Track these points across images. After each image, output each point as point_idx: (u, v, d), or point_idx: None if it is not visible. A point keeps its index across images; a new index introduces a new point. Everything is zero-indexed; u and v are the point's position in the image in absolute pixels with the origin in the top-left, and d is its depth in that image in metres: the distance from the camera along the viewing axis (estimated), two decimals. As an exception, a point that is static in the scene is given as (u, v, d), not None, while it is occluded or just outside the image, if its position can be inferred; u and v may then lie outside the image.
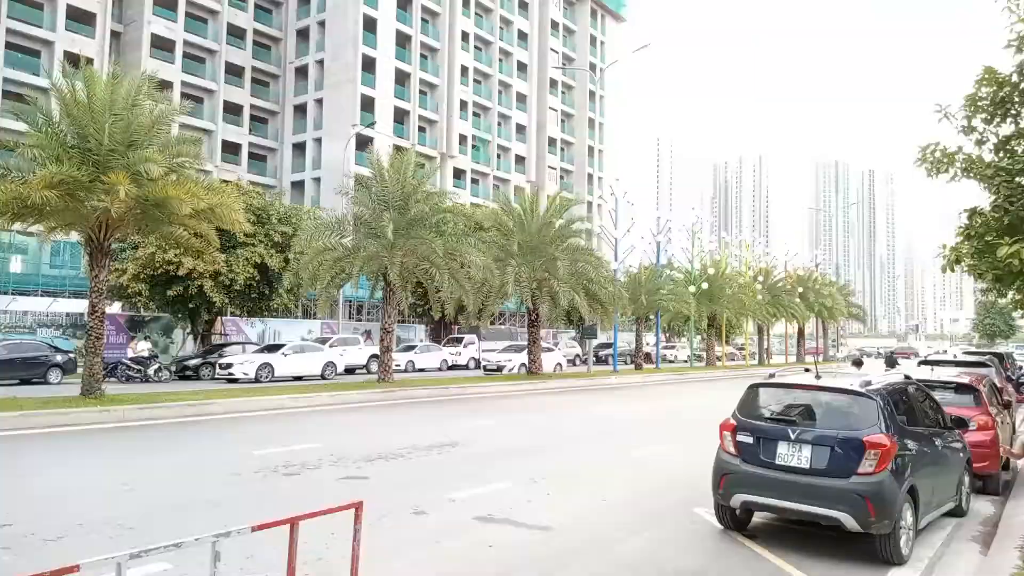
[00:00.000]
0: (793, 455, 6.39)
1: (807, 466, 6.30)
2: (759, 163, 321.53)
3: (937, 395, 8.76)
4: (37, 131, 15.67)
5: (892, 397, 6.76)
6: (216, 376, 25.34)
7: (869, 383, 6.74)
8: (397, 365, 28.85)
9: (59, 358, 23.73)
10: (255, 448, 11.08)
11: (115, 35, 53.23)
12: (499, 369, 32.58)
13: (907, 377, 7.83)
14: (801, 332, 62.37)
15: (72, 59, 33.32)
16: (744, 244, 55.41)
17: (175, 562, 5.50)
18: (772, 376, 7.32)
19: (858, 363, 18.64)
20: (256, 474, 9.17)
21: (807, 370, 7.55)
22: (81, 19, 48.86)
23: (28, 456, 10.43)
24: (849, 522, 6.03)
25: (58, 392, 18.12)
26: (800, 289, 54.64)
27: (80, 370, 20.56)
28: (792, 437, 6.42)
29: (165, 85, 43.48)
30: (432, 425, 14.66)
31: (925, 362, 15.07)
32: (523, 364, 31.34)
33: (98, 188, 14.84)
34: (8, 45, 44.98)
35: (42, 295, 34.96)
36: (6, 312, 29.78)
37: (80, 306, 30.94)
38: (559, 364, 35.16)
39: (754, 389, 7.15)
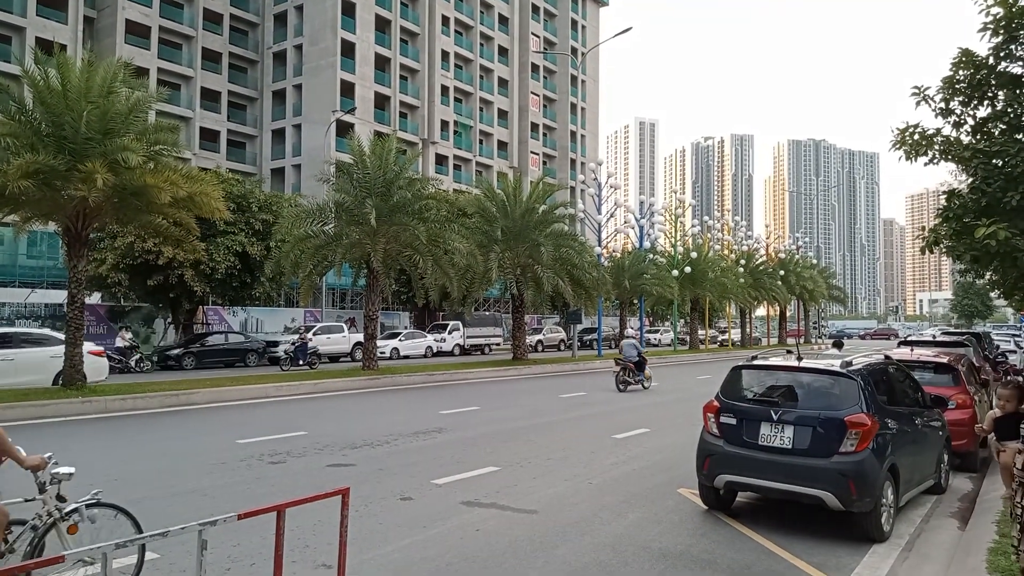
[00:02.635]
0: (776, 435, 6.47)
1: (789, 446, 6.38)
2: (741, 146, 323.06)
3: (917, 375, 8.90)
4: (10, 119, 15.34)
5: (873, 377, 6.86)
6: None
7: (850, 364, 6.82)
8: (382, 353, 28.82)
9: (38, 350, 23.39)
10: (240, 437, 11.03)
11: (88, 21, 52.24)
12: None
13: (887, 357, 7.93)
14: (783, 314, 62.96)
15: (44, 46, 32.65)
16: (726, 227, 55.72)
17: (162, 551, 5.49)
18: (754, 358, 7.39)
19: (838, 344, 18.85)
20: (241, 463, 9.14)
21: (788, 352, 7.62)
22: (53, 4, 47.92)
23: (9, 449, 10.30)
24: (831, 501, 6.12)
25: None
26: (782, 272, 55.08)
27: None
28: (774, 418, 6.50)
29: (141, 72, 42.75)
30: (417, 412, 14.67)
31: (905, 342, 15.27)
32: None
33: (75, 177, 14.60)
34: (-22, 31, 44.05)
35: (20, 286, 34.43)
36: (-17, 304, 29.32)
37: (59, 297, 30.50)
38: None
39: (737, 371, 7.22)
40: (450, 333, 38.15)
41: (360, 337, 30.15)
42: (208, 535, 3.36)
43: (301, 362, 26.07)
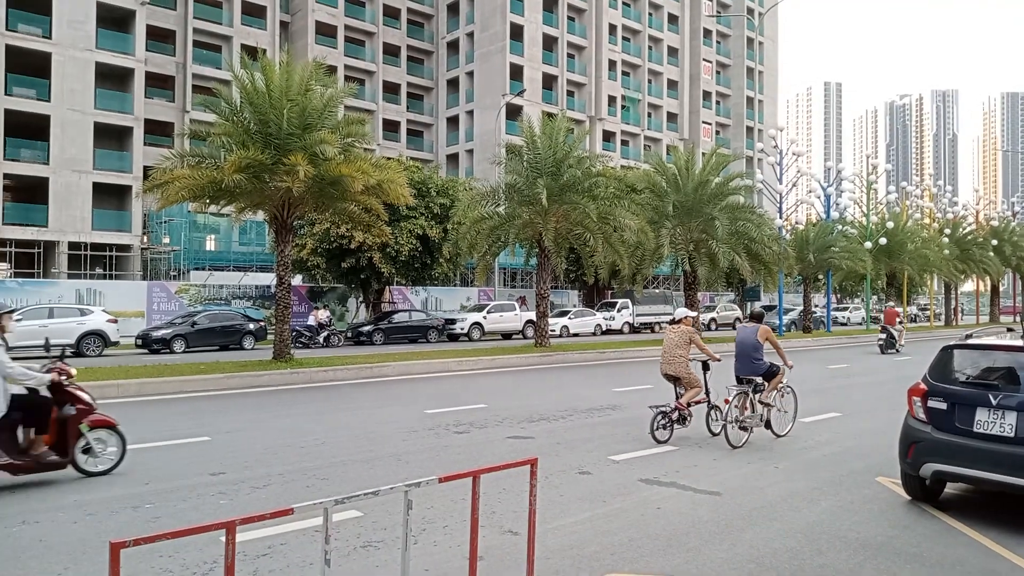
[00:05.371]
0: (995, 422, 5.82)
1: (1011, 434, 5.73)
2: (943, 102, 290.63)
3: None
4: (224, 120, 17.24)
5: (1119, 360, 5.96)
6: None
7: (1088, 344, 5.98)
8: (552, 330, 29.30)
9: (251, 326, 26.29)
10: (427, 407, 11.74)
11: (283, 25, 57.14)
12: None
13: None
14: (995, 289, 56.16)
15: (249, 51, 36.18)
16: (927, 193, 50.44)
17: (364, 509, 5.98)
18: (968, 337, 6.68)
19: (1070, 323, 16.51)
20: (430, 431, 9.73)
21: (1009, 330, 6.82)
22: (254, 13, 52.84)
23: (231, 413, 11.70)
24: (1064, 497, 5.42)
25: (252, 356, 20.10)
26: (994, 241, 49.12)
27: (270, 336, 22.70)
28: (994, 403, 5.85)
29: (331, 70, 46.16)
30: (590, 389, 14.78)
31: None
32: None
33: (280, 169, 16.12)
34: (195, 43, 49.61)
35: (233, 270, 38.79)
36: (205, 286, 33.34)
37: (266, 279, 34.02)
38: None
39: (948, 351, 6.56)
40: (619, 311, 37.95)
41: (530, 315, 30.92)
42: (410, 496, 3.62)
43: None
